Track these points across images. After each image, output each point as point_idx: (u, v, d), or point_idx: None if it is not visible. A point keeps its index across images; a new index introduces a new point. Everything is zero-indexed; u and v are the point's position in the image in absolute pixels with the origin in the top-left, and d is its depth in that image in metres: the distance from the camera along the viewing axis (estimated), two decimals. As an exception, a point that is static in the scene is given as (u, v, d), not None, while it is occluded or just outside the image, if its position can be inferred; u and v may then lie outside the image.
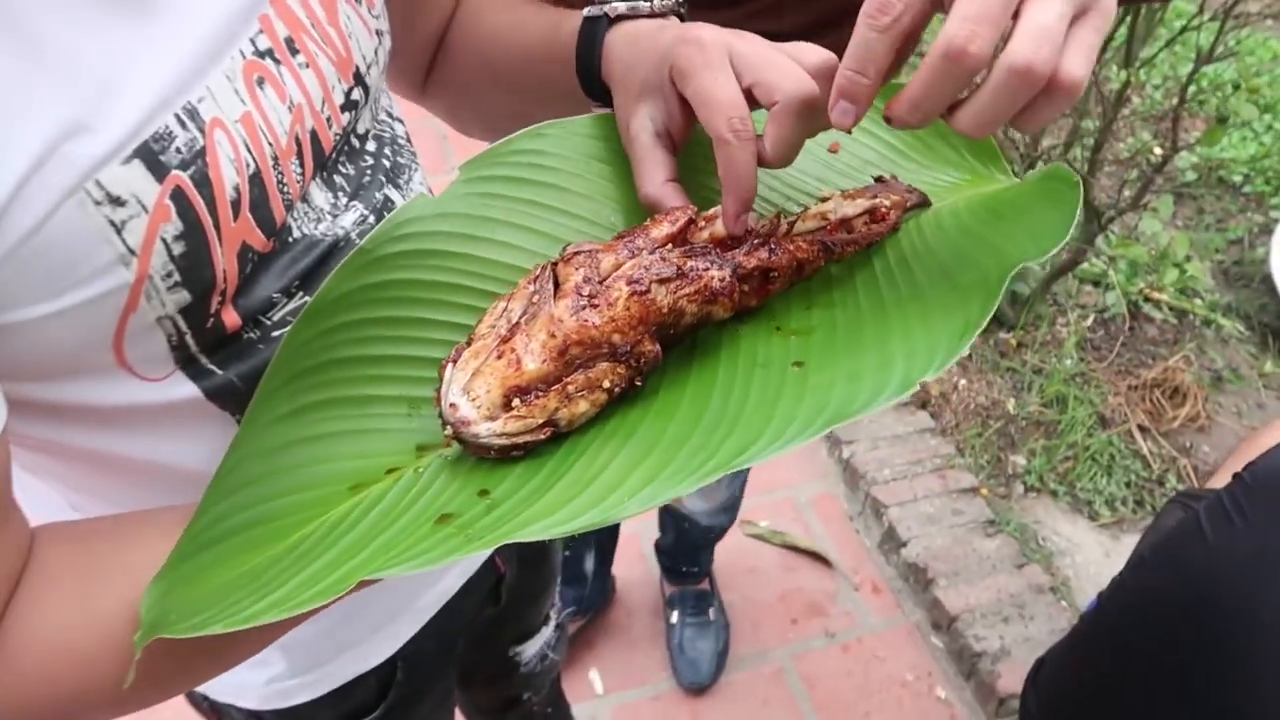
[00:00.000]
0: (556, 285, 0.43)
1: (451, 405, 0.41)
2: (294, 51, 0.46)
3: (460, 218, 0.48)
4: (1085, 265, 2.06)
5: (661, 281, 0.43)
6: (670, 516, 1.56)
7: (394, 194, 0.55)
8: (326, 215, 0.49)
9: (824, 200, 0.51)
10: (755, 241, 0.46)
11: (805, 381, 0.41)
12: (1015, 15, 0.37)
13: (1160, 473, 1.80)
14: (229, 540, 0.41)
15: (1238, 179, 2.42)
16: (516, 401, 0.41)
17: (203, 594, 0.38)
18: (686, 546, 1.60)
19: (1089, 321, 2.06)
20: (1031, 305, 2.02)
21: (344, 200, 0.51)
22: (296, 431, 0.43)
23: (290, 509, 0.42)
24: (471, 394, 0.41)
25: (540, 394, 0.41)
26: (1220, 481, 1.21)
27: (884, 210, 0.50)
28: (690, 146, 0.50)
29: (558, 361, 0.41)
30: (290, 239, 0.47)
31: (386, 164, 0.55)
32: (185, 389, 0.45)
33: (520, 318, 0.43)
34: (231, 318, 0.45)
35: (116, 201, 0.37)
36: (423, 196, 0.48)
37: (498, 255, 0.48)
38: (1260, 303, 2.12)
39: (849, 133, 0.44)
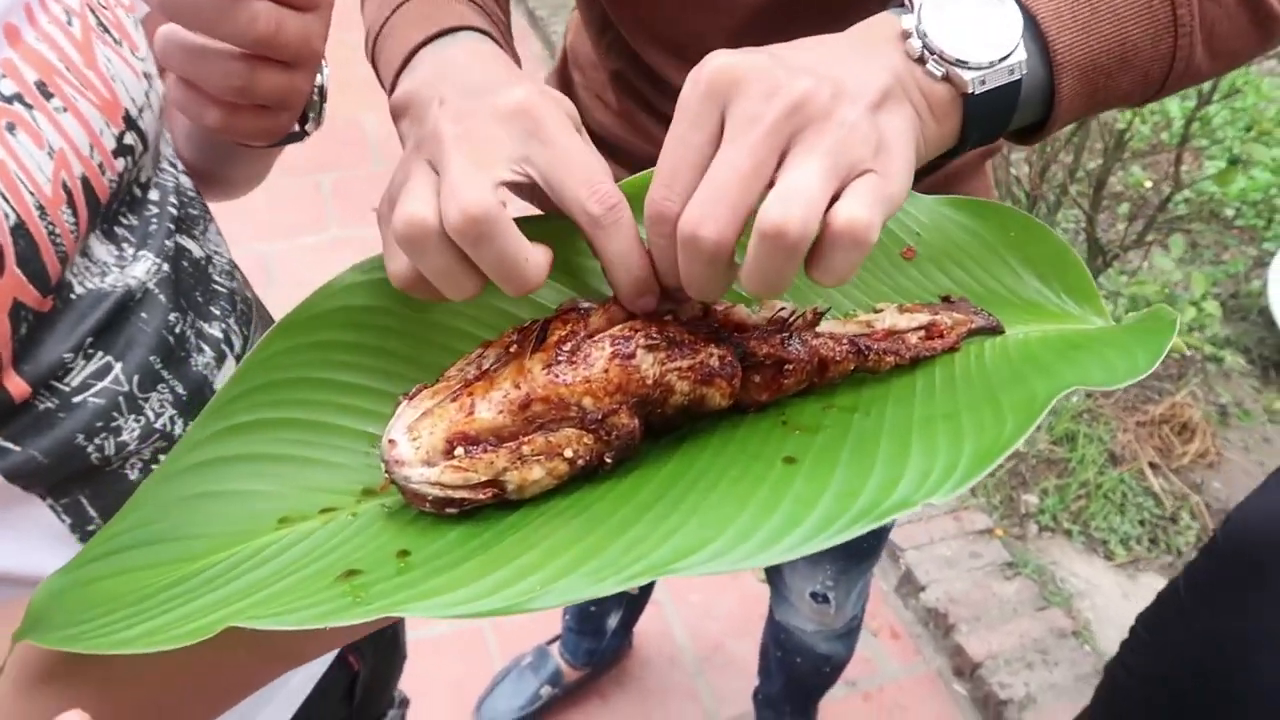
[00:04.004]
0: (543, 340, 0.39)
1: (390, 441, 0.37)
2: (48, 95, 0.43)
3: None
4: (1088, 301, 2.06)
5: (650, 348, 0.38)
6: (775, 657, 1.35)
7: (189, 243, 0.52)
8: (112, 267, 0.46)
9: (876, 310, 0.47)
10: (772, 328, 0.42)
11: (789, 486, 0.36)
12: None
13: (1173, 510, 1.79)
14: (142, 549, 0.38)
15: (1229, 213, 2.45)
16: (460, 450, 0.37)
17: (94, 600, 0.35)
18: (797, 690, 1.38)
19: (1092, 357, 2.06)
20: (1036, 342, 2.02)
21: (130, 250, 0.48)
22: (244, 447, 0.40)
23: (212, 530, 0.39)
24: (414, 433, 0.37)
25: (490, 448, 0.37)
26: None
27: (943, 328, 0.45)
28: None
29: (517, 416, 0.37)
30: (73, 295, 0.44)
31: (173, 212, 0.52)
32: None
33: (492, 365, 0.39)
34: (17, 385, 0.42)
35: None
36: None
37: (508, 304, 0.44)
38: (1259, 336, 2.14)
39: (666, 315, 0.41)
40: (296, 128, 0.52)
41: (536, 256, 0.38)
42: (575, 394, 0.37)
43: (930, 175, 0.74)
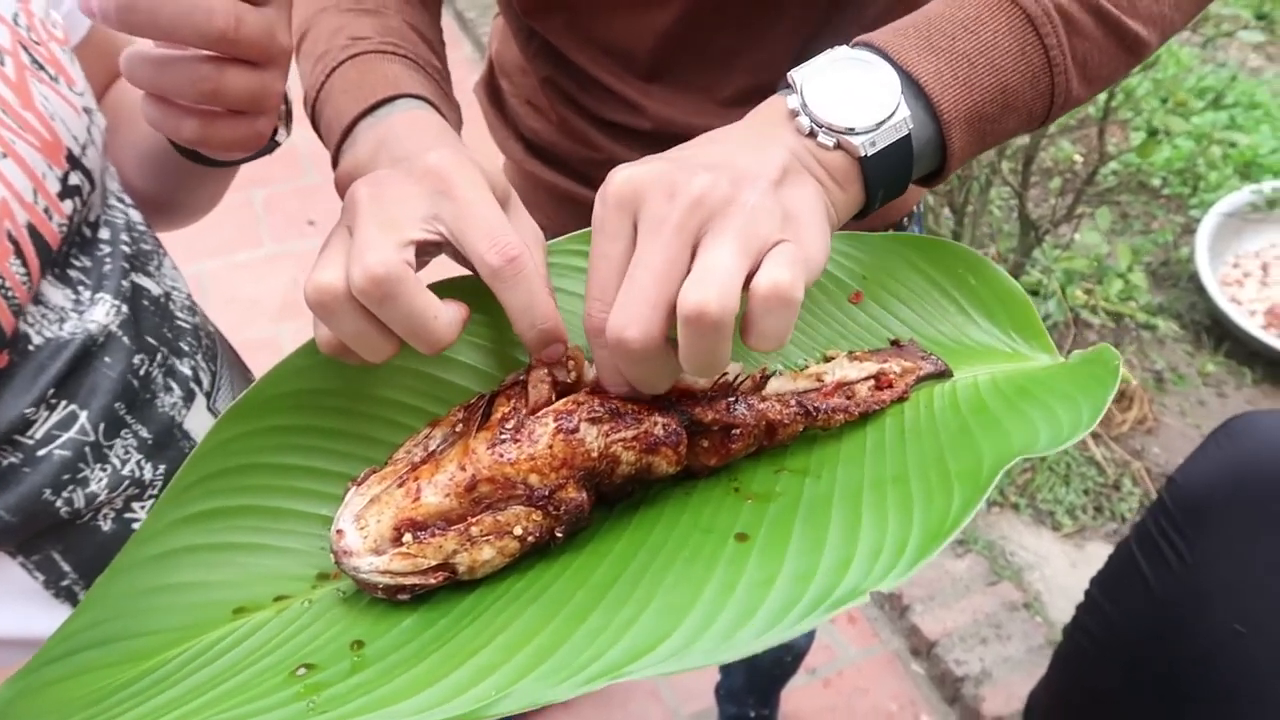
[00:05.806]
0: (488, 417, 0.39)
1: (339, 531, 0.37)
2: None
3: None
4: (1024, 276, 2.09)
5: (593, 421, 0.38)
6: None
7: (145, 281, 0.51)
8: (70, 313, 0.45)
9: (826, 359, 0.47)
10: (718, 393, 0.42)
11: (742, 568, 0.36)
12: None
13: (1116, 478, 1.83)
14: (97, 649, 0.37)
15: (1156, 183, 2.50)
16: (408, 537, 0.37)
17: (50, 705, 0.35)
18: (758, 682, 1.39)
19: (1031, 331, 2.09)
20: (976, 320, 2.04)
21: (87, 294, 0.46)
22: (199, 537, 0.40)
23: (167, 625, 0.38)
24: (361, 522, 0.37)
25: (438, 532, 0.37)
26: None
27: (891, 377, 0.45)
28: None
29: (463, 498, 0.37)
30: (31, 346, 0.43)
31: (126, 250, 0.50)
32: None
33: (438, 446, 0.39)
34: None
35: None
36: None
37: (459, 378, 0.44)
38: (1190, 301, 2.19)
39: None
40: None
41: (447, 314, 0.38)
42: (521, 472, 0.37)
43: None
